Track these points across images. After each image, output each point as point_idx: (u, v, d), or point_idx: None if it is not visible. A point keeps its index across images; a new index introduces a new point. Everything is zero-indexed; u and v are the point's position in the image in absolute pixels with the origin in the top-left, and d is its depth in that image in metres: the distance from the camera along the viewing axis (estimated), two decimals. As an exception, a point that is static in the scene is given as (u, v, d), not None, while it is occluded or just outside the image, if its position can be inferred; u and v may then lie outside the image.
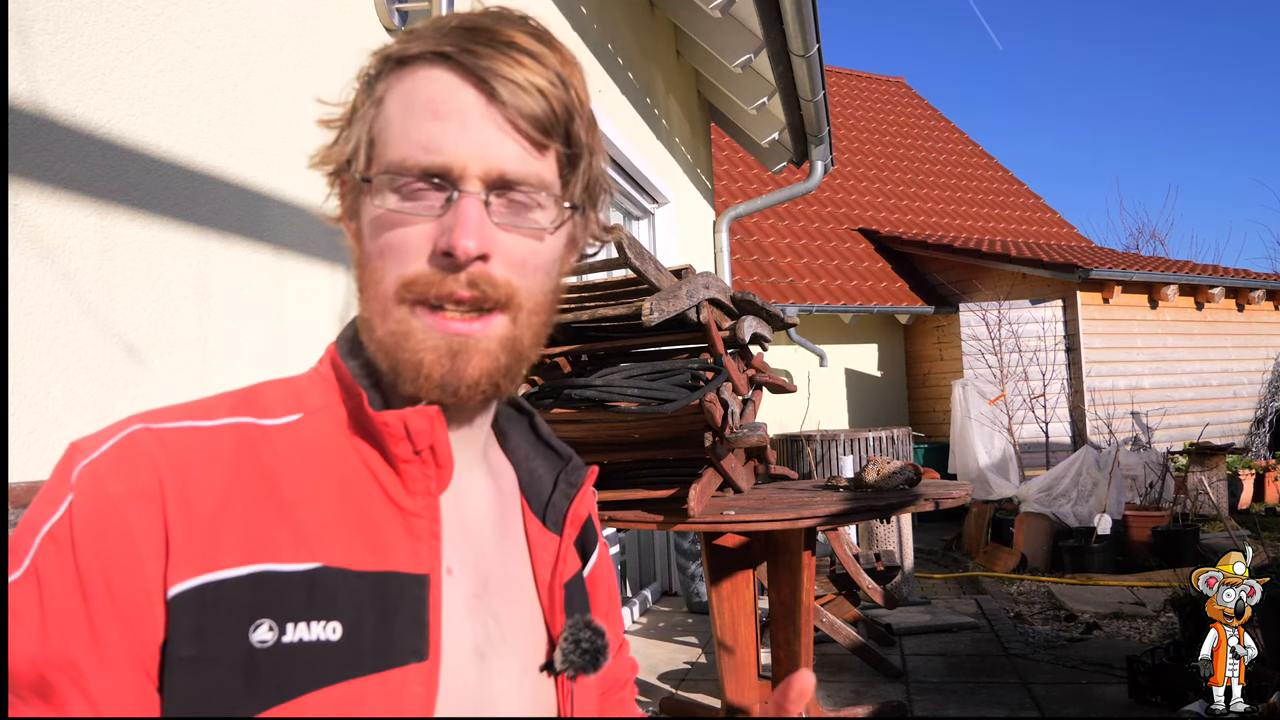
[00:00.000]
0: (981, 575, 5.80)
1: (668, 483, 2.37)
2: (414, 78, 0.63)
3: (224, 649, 0.55)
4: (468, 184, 0.61)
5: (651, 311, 1.99)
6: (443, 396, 0.63)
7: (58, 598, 0.55)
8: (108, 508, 0.56)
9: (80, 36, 1.36)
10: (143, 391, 1.44)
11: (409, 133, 0.62)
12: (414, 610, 0.61)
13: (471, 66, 0.61)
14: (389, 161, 0.62)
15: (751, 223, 9.29)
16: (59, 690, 0.53)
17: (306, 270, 1.89)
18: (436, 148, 0.61)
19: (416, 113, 0.62)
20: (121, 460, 0.58)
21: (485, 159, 0.61)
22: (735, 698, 2.68)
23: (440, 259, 0.61)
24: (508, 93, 0.61)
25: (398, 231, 0.62)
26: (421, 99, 0.62)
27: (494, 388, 0.64)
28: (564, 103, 0.63)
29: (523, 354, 0.65)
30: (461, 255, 0.60)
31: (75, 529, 0.56)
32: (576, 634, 0.70)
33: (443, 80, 0.62)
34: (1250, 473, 7.95)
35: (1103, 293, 8.50)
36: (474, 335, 0.62)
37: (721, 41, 4.98)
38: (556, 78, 0.63)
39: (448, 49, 0.61)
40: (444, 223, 0.61)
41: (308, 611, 0.58)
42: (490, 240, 0.61)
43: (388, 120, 0.63)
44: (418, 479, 0.64)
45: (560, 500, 0.75)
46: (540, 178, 0.63)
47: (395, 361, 0.62)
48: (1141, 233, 22.05)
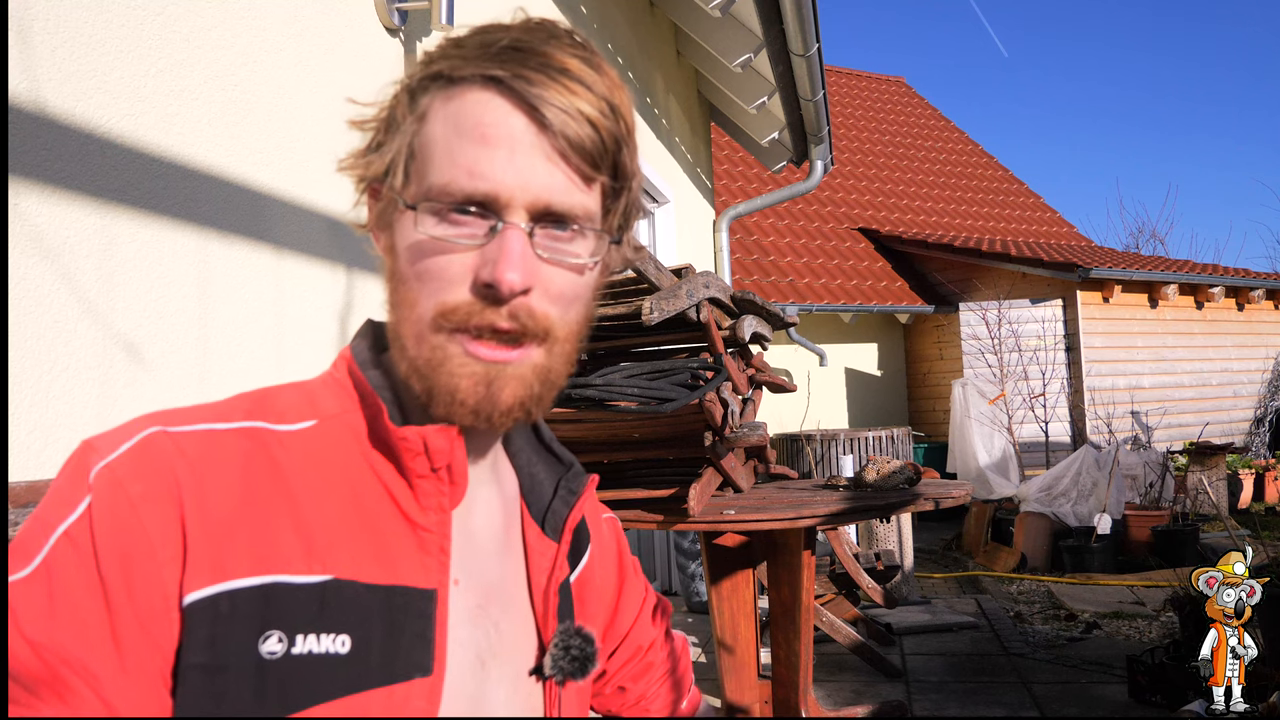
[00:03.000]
0: (981, 575, 5.80)
1: (668, 482, 2.37)
2: (462, 99, 0.61)
3: (234, 658, 0.55)
4: (513, 214, 0.60)
5: (651, 311, 1.99)
6: (475, 422, 0.62)
7: (74, 598, 0.54)
8: (128, 510, 0.56)
9: (80, 36, 1.36)
10: (143, 391, 1.44)
11: (455, 156, 0.60)
12: (420, 625, 0.62)
13: (523, 93, 0.60)
14: (432, 184, 0.61)
15: (751, 222, 9.29)
16: (72, 688, 0.53)
17: (307, 270, 1.89)
18: (483, 174, 0.60)
19: (465, 136, 0.60)
20: (141, 463, 0.58)
21: (532, 189, 0.60)
22: (735, 697, 2.68)
23: (482, 289, 0.60)
24: (559, 122, 0.60)
25: (439, 259, 0.61)
26: (470, 122, 0.60)
27: (526, 415, 0.63)
28: (613, 134, 0.62)
29: (555, 382, 0.65)
30: (506, 290, 0.59)
31: (96, 531, 0.55)
32: (567, 640, 0.70)
33: (493, 105, 0.60)
34: (1250, 472, 7.94)
35: (1103, 292, 8.50)
36: (511, 363, 0.61)
37: (721, 41, 4.98)
38: (607, 107, 0.62)
39: (499, 73, 0.60)
40: (487, 253, 0.60)
41: (318, 624, 0.58)
42: (533, 273, 0.60)
43: (431, 139, 0.62)
44: (431, 495, 0.64)
45: (560, 507, 0.75)
46: (586, 210, 0.63)
47: (430, 385, 0.62)
48: (1141, 232, 22.10)
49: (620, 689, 0.88)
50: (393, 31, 2.23)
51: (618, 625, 0.86)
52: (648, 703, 0.89)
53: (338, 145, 0.71)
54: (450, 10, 2.16)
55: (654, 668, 0.89)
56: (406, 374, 0.64)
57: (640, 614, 0.89)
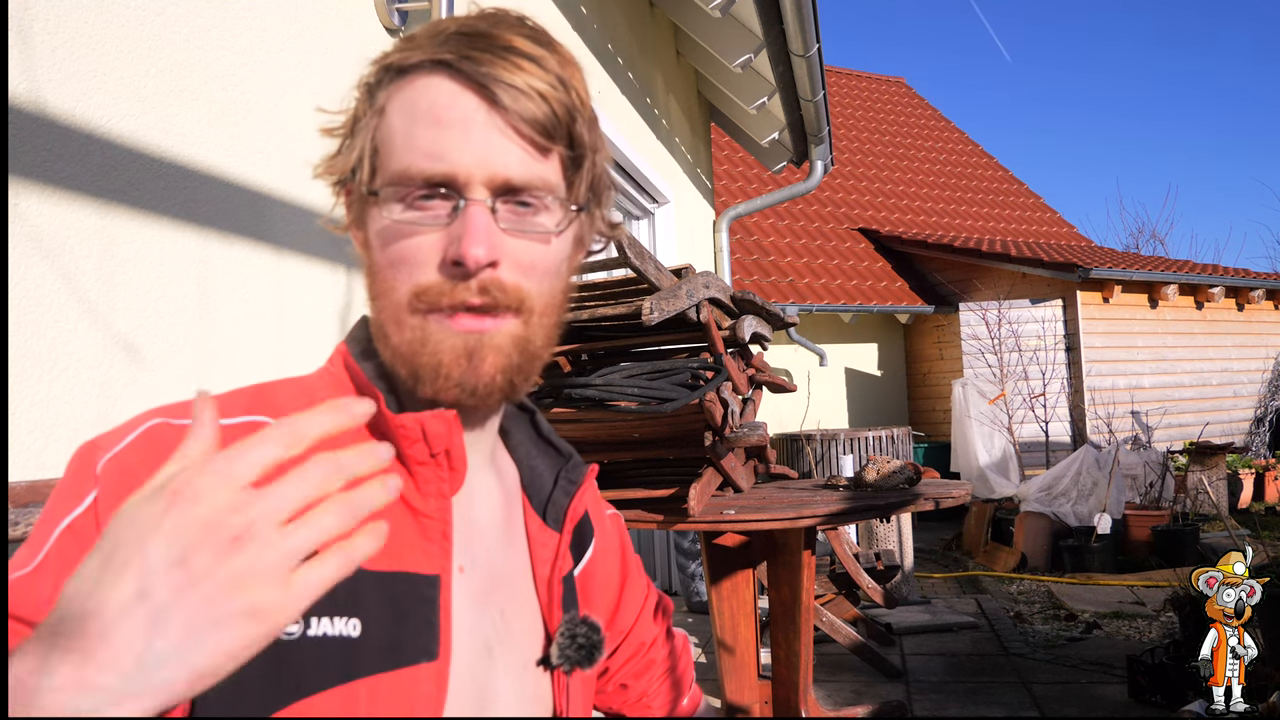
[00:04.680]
0: (981, 574, 5.80)
1: (668, 482, 2.37)
2: (415, 86, 0.63)
3: None
4: (473, 191, 0.61)
5: (651, 311, 1.99)
6: (461, 396, 0.63)
7: None
8: None
9: (80, 36, 1.36)
10: (143, 391, 1.44)
11: (412, 141, 0.62)
12: (425, 610, 0.62)
13: (471, 73, 0.61)
14: (393, 172, 0.62)
15: (751, 222, 9.29)
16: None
17: (307, 269, 1.89)
18: (440, 156, 0.61)
19: (419, 121, 0.62)
20: (149, 451, 0.58)
21: (489, 165, 0.61)
22: (735, 697, 2.68)
23: (450, 268, 0.61)
24: (509, 98, 0.61)
25: (406, 242, 0.62)
26: (423, 107, 0.62)
27: (509, 386, 0.65)
28: (565, 105, 0.63)
29: (535, 354, 0.66)
30: (472, 264, 0.60)
31: (102, 519, 0.56)
32: (573, 629, 0.71)
33: (444, 88, 0.62)
34: (1250, 472, 7.94)
35: (1103, 292, 8.50)
36: (487, 332, 0.63)
37: (721, 41, 4.98)
38: (557, 80, 0.63)
39: (447, 56, 0.62)
40: (452, 231, 0.61)
41: (330, 607, 0.58)
42: (498, 247, 0.62)
43: (390, 130, 0.63)
44: (431, 481, 0.65)
45: (561, 498, 0.75)
46: (545, 181, 0.64)
47: (415, 366, 0.63)
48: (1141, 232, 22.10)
49: (622, 686, 0.88)
50: (393, 32, 2.23)
51: (620, 621, 0.86)
52: (649, 700, 0.90)
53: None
54: (450, 10, 2.16)
55: (655, 665, 0.90)
56: (391, 361, 0.65)
57: (642, 611, 0.89)
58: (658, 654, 0.90)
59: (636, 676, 0.89)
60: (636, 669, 0.89)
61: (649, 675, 0.90)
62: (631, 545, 0.90)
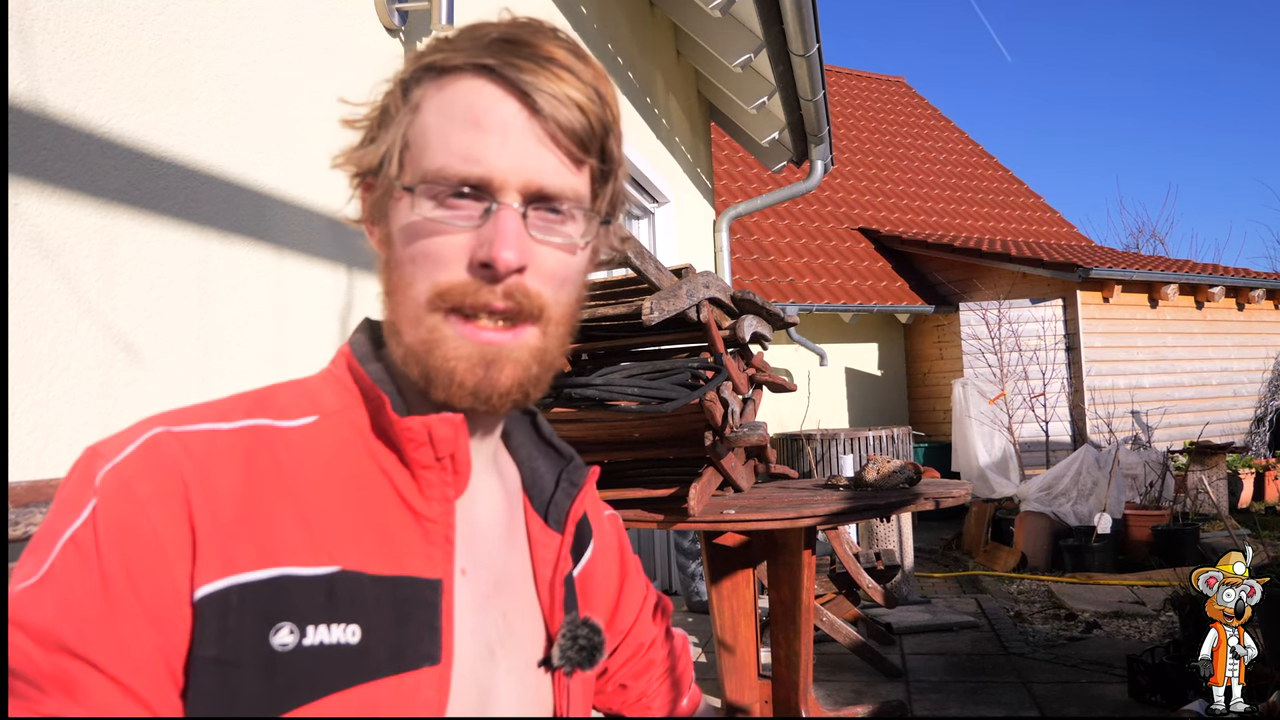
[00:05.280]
0: (981, 574, 5.80)
1: (668, 482, 2.37)
2: (455, 88, 0.63)
3: (247, 652, 0.56)
4: (507, 196, 0.62)
5: (652, 311, 1.99)
6: (475, 404, 0.63)
7: (81, 597, 0.54)
8: (135, 510, 0.56)
9: (80, 36, 1.36)
10: (143, 391, 1.44)
11: (449, 142, 0.62)
12: (427, 615, 0.62)
13: (514, 80, 0.62)
14: (427, 170, 0.62)
15: (751, 222, 9.29)
16: (80, 684, 0.53)
17: (307, 269, 1.89)
18: (477, 158, 0.61)
19: (457, 122, 0.62)
20: (147, 463, 0.58)
21: (525, 172, 0.62)
22: (735, 697, 2.68)
23: (478, 269, 0.61)
24: (549, 107, 0.62)
25: (434, 240, 0.62)
26: (462, 109, 0.62)
27: (524, 396, 0.65)
28: (601, 119, 0.64)
29: (551, 364, 0.66)
30: (502, 267, 0.60)
31: (100, 532, 0.56)
32: (574, 630, 0.71)
33: (485, 92, 0.62)
34: (1250, 472, 7.94)
35: (1103, 292, 8.50)
36: (506, 345, 0.63)
37: (721, 41, 4.98)
38: (594, 94, 0.64)
39: (490, 61, 0.62)
40: (483, 234, 0.61)
41: (328, 614, 0.58)
42: (527, 252, 0.62)
43: (425, 128, 0.63)
44: (435, 485, 0.65)
45: (562, 499, 0.75)
46: (576, 192, 0.64)
47: (426, 368, 0.63)
48: (1141, 232, 22.10)
49: (621, 686, 0.88)
50: (393, 32, 2.23)
51: (619, 622, 0.87)
52: (648, 700, 0.90)
53: (338, 145, 0.71)
54: (450, 10, 2.16)
55: (654, 665, 0.90)
56: (403, 360, 0.65)
57: (641, 611, 0.89)
58: (657, 654, 0.91)
59: (636, 677, 0.89)
60: (635, 669, 0.89)
61: (648, 675, 0.90)
62: (630, 546, 0.90)
